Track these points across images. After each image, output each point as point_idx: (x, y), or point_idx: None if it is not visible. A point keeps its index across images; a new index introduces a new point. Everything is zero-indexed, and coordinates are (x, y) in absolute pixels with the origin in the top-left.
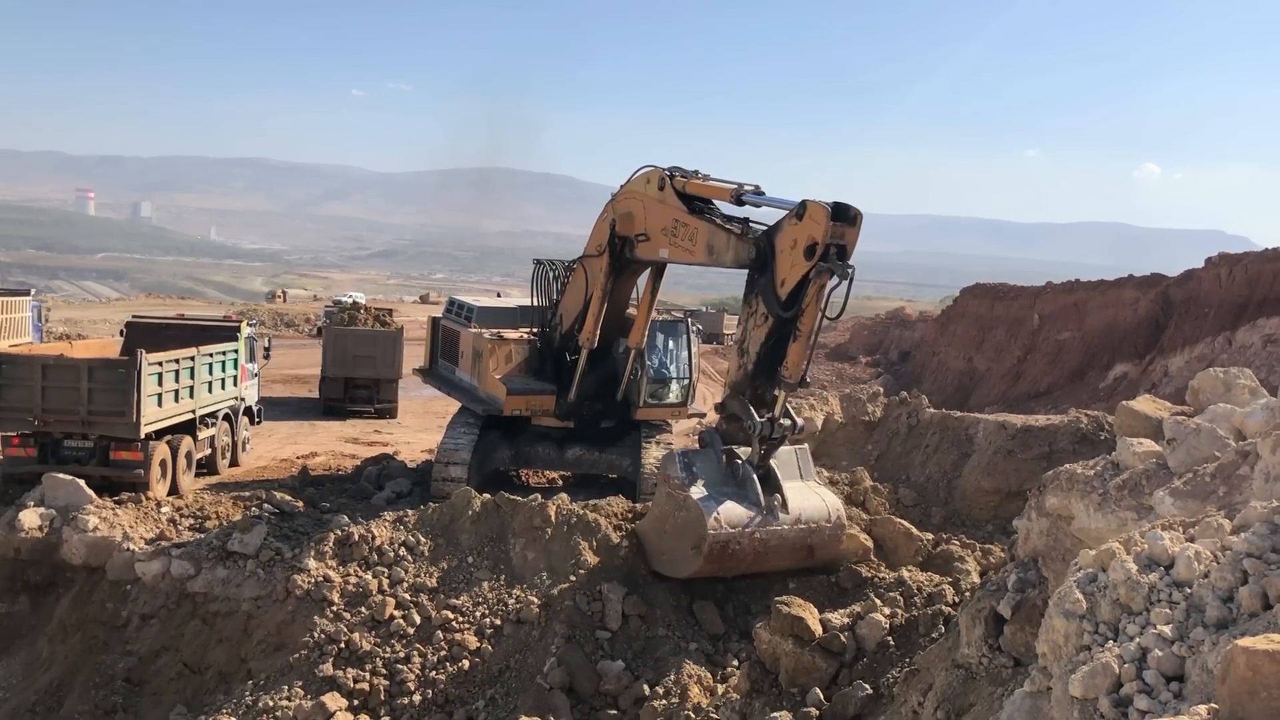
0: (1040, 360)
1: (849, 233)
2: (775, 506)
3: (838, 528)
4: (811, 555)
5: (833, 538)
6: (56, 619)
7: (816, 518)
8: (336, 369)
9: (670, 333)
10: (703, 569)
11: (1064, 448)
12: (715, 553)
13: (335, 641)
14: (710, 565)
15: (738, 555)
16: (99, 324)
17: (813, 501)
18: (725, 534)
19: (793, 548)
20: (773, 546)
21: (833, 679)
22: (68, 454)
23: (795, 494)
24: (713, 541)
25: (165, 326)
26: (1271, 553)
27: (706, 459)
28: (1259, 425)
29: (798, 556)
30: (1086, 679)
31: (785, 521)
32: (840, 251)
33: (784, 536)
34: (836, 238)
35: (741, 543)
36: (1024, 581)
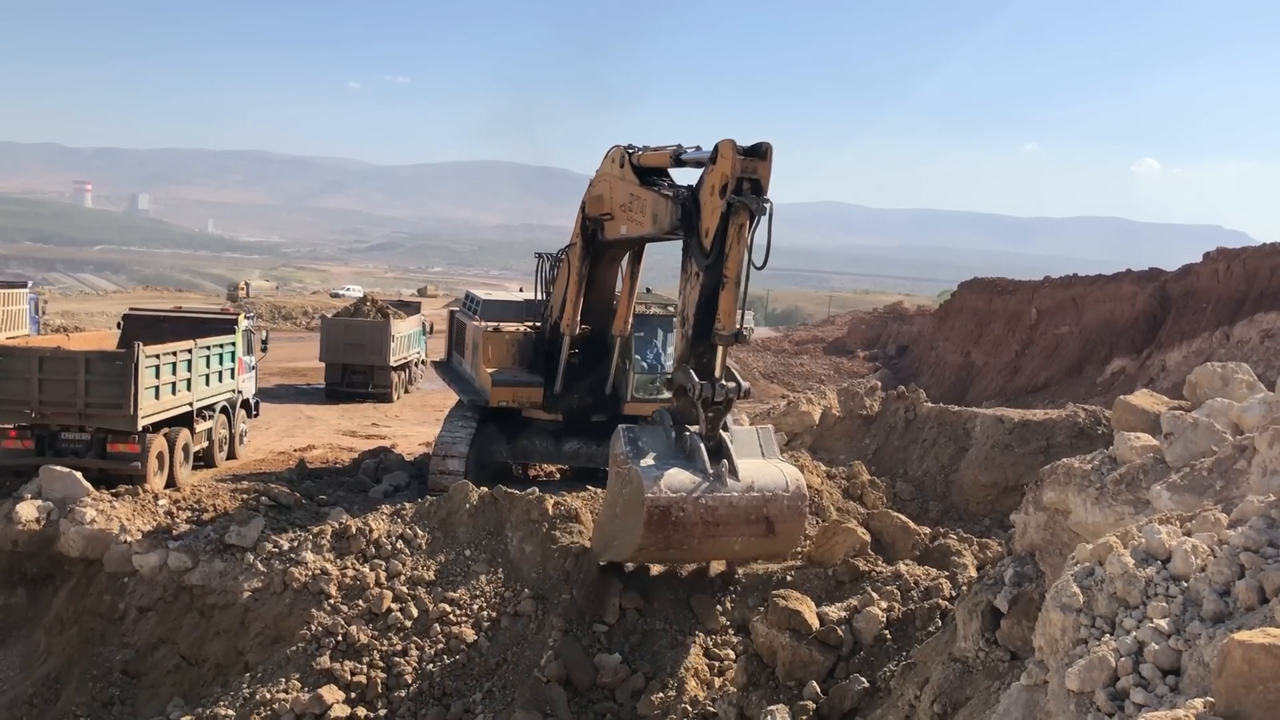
0: (1038, 355)
1: (761, 167)
2: (723, 473)
3: (797, 498)
4: (771, 530)
5: (792, 509)
6: (54, 611)
7: (772, 486)
8: (330, 355)
9: (663, 326)
10: (647, 542)
11: (1061, 442)
12: (656, 519)
13: (332, 634)
14: (654, 536)
15: (683, 525)
16: (96, 316)
17: (769, 471)
18: (665, 498)
19: (746, 519)
20: (723, 516)
21: (830, 672)
22: (65, 446)
23: (750, 465)
24: (651, 506)
25: (162, 319)
26: (1268, 547)
27: (654, 435)
28: (1256, 420)
29: (755, 530)
30: (1083, 672)
31: (735, 489)
32: (755, 186)
33: (734, 505)
34: (749, 172)
35: (685, 509)
36: (1021, 575)
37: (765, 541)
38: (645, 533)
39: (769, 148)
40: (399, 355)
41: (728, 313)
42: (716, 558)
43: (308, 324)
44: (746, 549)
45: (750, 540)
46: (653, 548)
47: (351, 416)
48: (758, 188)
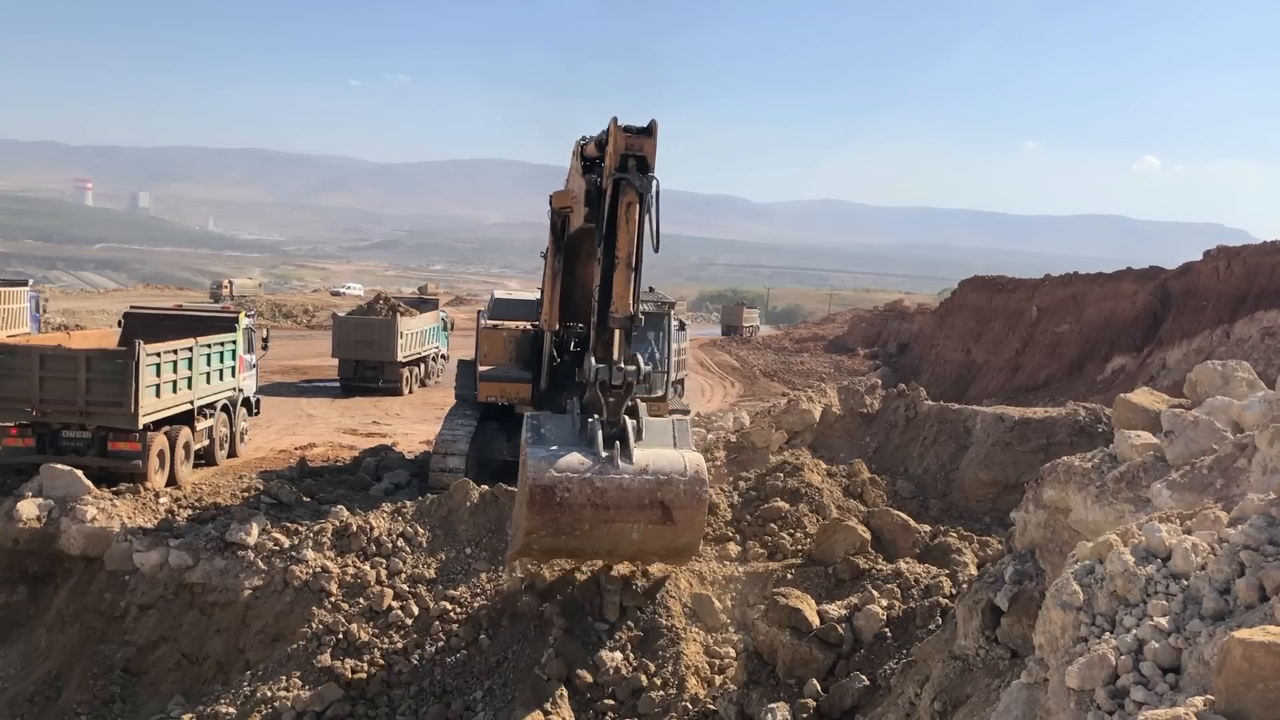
0: (1038, 352)
1: (646, 144)
2: (615, 455)
3: (695, 482)
4: (669, 516)
5: (689, 493)
6: (54, 609)
7: (669, 470)
8: (342, 352)
9: (650, 323)
10: (534, 525)
11: (1062, 440)
12: (539, 499)
13: (333, 632)
14: (540, 519)
15: (569, 507)
16: (97, 314)
17: (668, 455)
18: (550, 477)
19: (639, 503)
20: (612, 499)
21: (830, 670)
22: (66, 444)
23: (650, 451)
24: (534, 485)
25: (163, 317)
26: (1268, 545)
27: (559, 422)
28: (1257, 418)
29: (650, 516)
30: (1083, 670)
31: (627, 471)
32: (641, 164)
33: (625, 487)
34: (633, 149)
35: (571, 489)
36: (1021, 573)
37: (664, 530)
38: (530, 514)
39: (654, 125)
40: (410, 351)
41: (620, 295)
42: (615, 550)
43: (308, 322)
44: (646, 540)
45: (648, 529)
46: (542, 533)
47: (352, 414)
48: (644, 165)
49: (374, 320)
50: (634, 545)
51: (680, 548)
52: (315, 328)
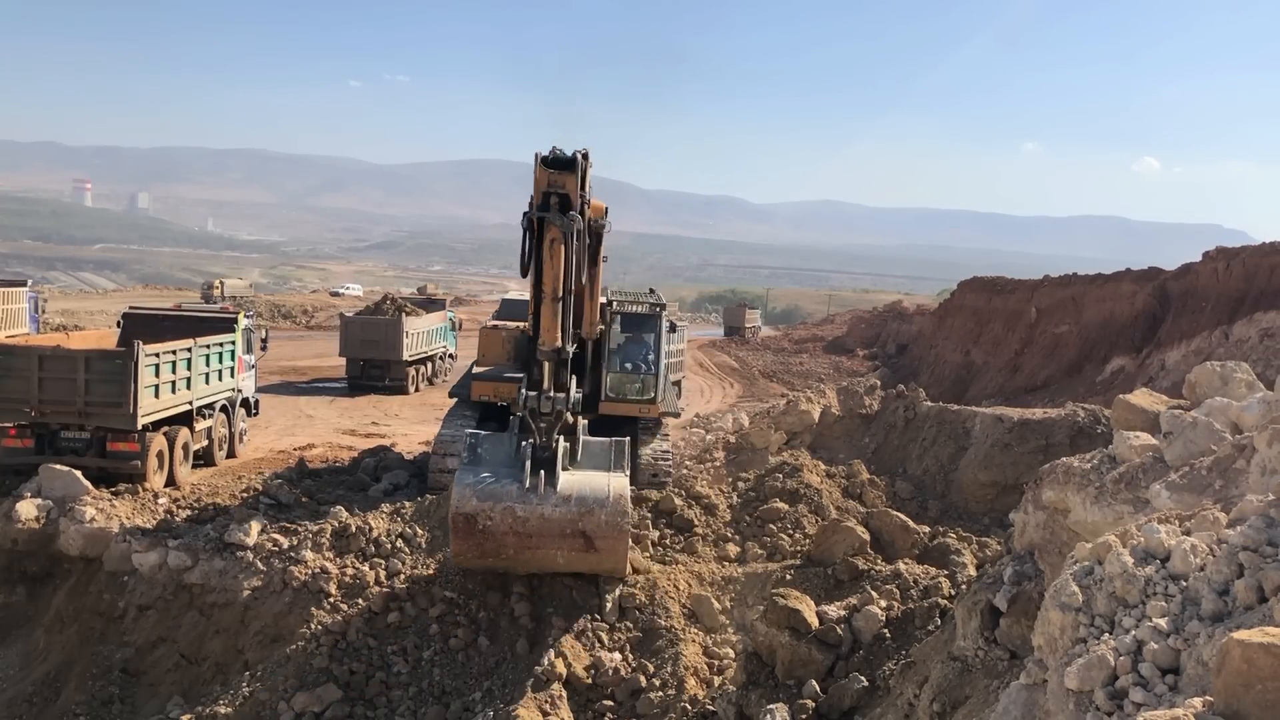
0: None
1: (569, 181)
2: (540, 485)
3: (616, 514)
4: (591, 545)
5: (610, 524)
6: (53, 610)
7: (592, 500)
8: (349, 351)
9: (640, 325)
10: (459, 549)
11: (1061, 441)
12: (462, 527)
13: (332, 633)
14: (464, 544)
15: (492, 534)
16: (96, 315)
17: (594, 484)
18: (471, 507)
19: (561, 532)
20: (534, 528)
21: (829, 671)
22: (65, 445)
23: (577, 478)
24: (456, 513)
25: (162, 318)
26: (1267, 546)
27: (496, 441)
28: (1255, 419)
29: (572, 544)
30: (1082, 671)
31: (550, 500)
32: (564, 202)
33: (547, 517)
34: (556, 187)
35: (493, 518)
36: (1020, 574)
37: (588, 556)
38: (455, 539)
39: (577, 158)
40: (416, 350)
41: (547, 329)
42: (544, 567)
43: (307, 322)
44: (572, 563)
45: (571, 554)
46: (468, 554)
47: (351, 415)
48: (566, 203)
49: (380, 320)
50: (561, 566)
51: (607, 570)
52: (314, 328)
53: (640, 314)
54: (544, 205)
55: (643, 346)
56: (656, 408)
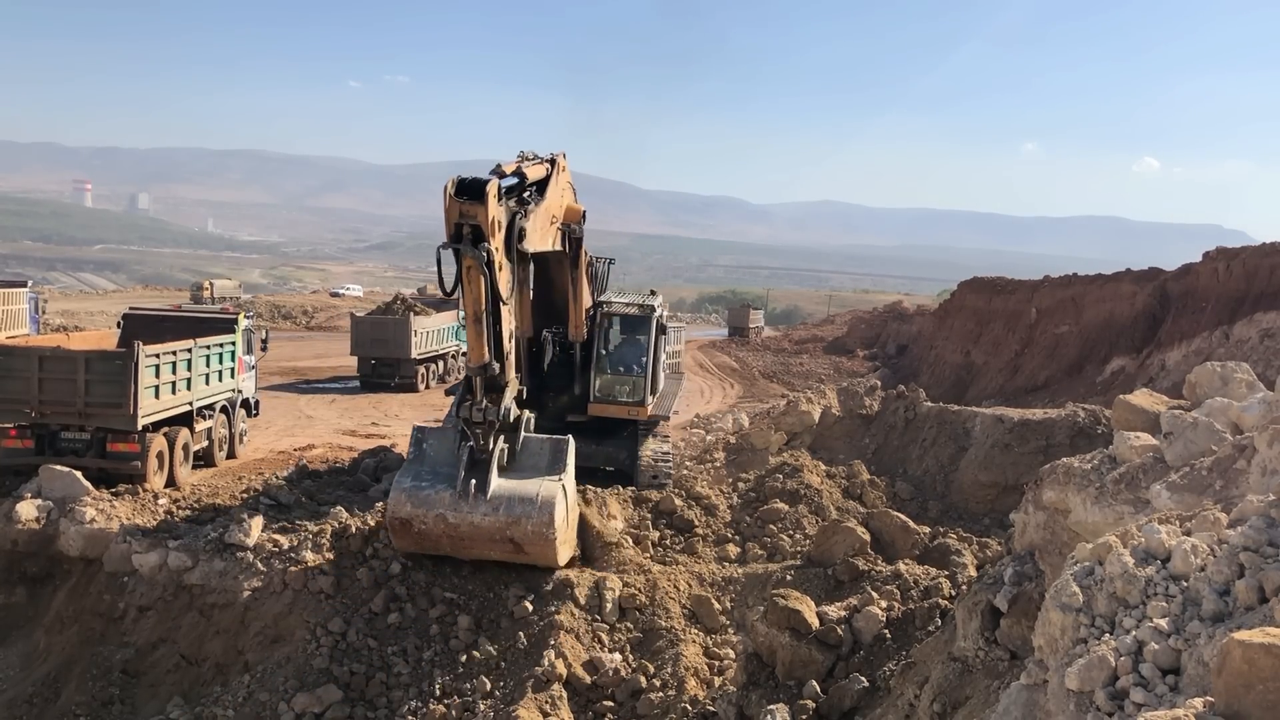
0: (1037, 354)
1: (478, 211)
2: (470, 492)
3: (542, 524)
4: (520, 550)
5: (536, 534)
6: (53, 610)
7: (519, 510)
8: (359, 350)
9: (631, 326)
10: (400, 546)
11: (1061, 441)
12: (399, 530)
13: (332, 634)
14: (404, 543)
15: (426, 536)
16: (96, 315)
17: (524, 491)
18: (406, 513)
19: (490, 538)
20: (465, 534)
21: (829, 672)
22: (65, 445)
23: (513, 484)
24: (391, 518)
25: (162, 318)
26: (1268, 546)
27: (442, 438)
28: (1256, 419)
29: (503, 549)
30: (1083, 672)
31: (480, 509)
32: (476, 233)
33: (477, 525)
34: (467, 218)
35: (426, 523)
36: (1020, 575)
37: (520, 557)
38: (394, 537)
39: (485, 190)
40: (425, 349)
41: (473, 347)
42: (488, 558)
43: (307, 323)
44: (508, 560)
45: (505, 555)
46: (408, 548)
47: (351, 415)
48: (478, 234)
49: (389, 319)
50: (505, 558)
51: (543, 568)
52: (314, 329)
53: (630, 316)
54: (456, 236)
55: (633, 349)
56: (646, 410)
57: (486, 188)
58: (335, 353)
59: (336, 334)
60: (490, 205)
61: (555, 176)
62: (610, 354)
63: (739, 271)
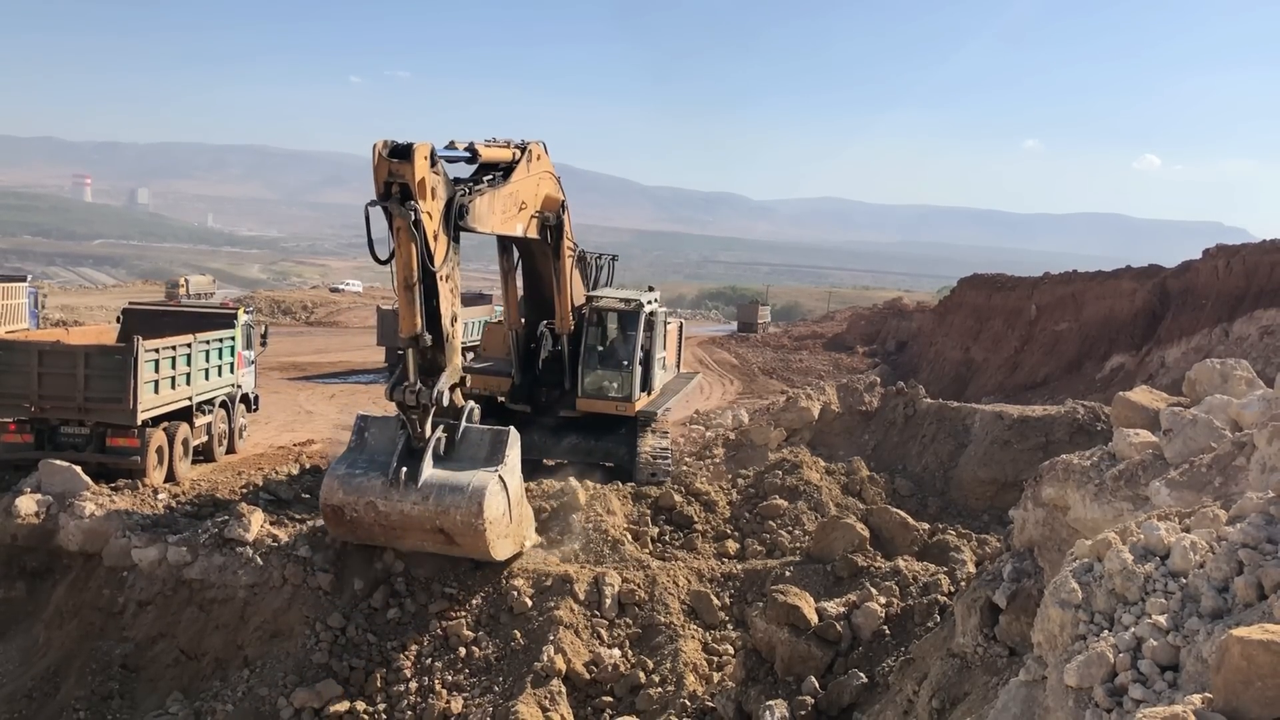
0: (1037, 351)
1: (405, 169)
2: (401, 480)
3: (471, 515)
4: (451, 541)
5: (465, 525)
6: (53, 605)
7: (449, 500)
8: (385, 341)
9: (622, 321)
10: (334, 534)
11: (1060, 438)
12: (331, 517)
13: (331, 629)
14: (338, 531)
15: (359, 524)
16: (95, 310)
17: (455, 481)
18: (337, 500)
19: (421, 527)
20: (396, 523)
21: (828, 667)
22: (64, 440)
23: (445, 474)
24: (324, 505)
25: (162, 314)
26: (1267, 543)
27: (385, 426)
28: (1255, 416)
29: (433, 539)
30: (1082, 668)
31: (410, 498)
32: (404, 191)
33: (407, 514)
34: (397, 176)
35: (358, 511)
36: (1019, 571)
37: (453, 548)
38: (327, 525)
39: (413, 148)
40: None
41: (404, 315)
42: (423, 549)
43: (306, 318)
44: (443, 550)
45: (438, 545)
46: (343, 536)
47: (351, 411)
48: (407, 192)
49: None
50: (440, 548)
51: (478, 558)
52: (314, 324)
53: (619, 310)
54: (385, 194)
55: (621, 344)
56: (634, 406)
57: (414, 147)
58: (335, 348)
59: (336, 329)
60: (417, 164)
61: (527, 163)
62: (598, 349)
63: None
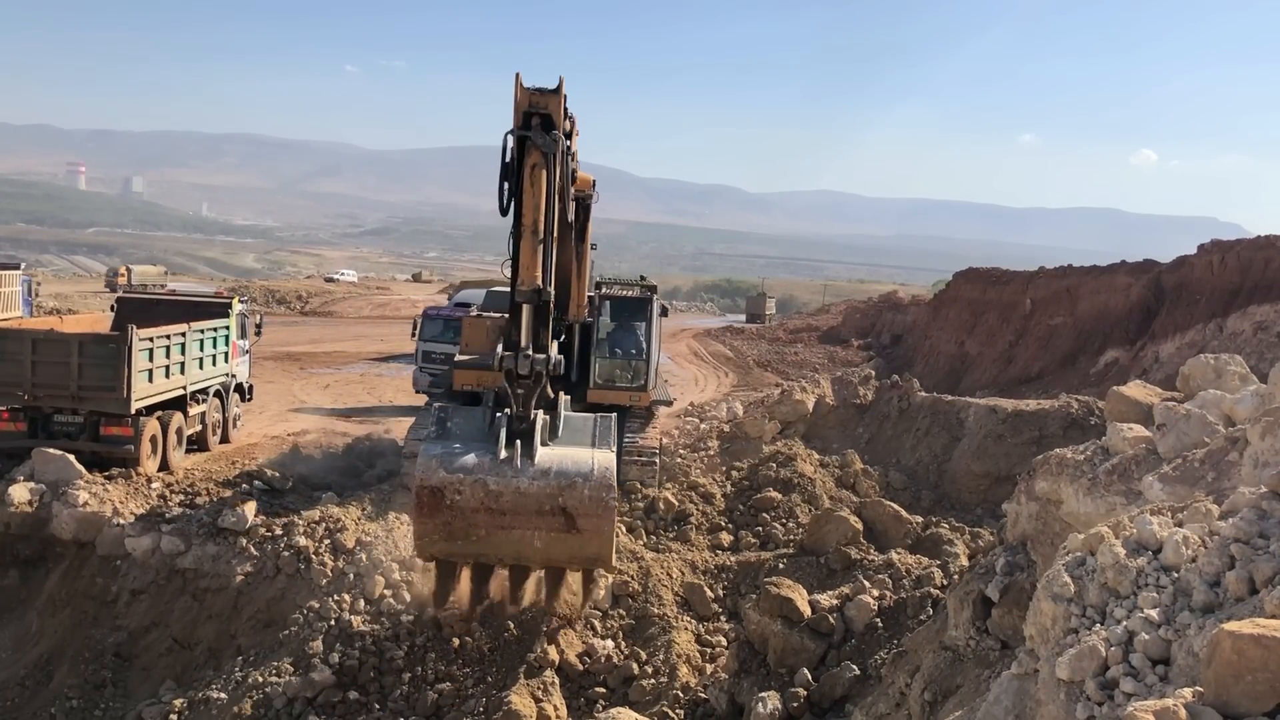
0: (1032, 345)
1: (551, 100)
2: (516, 456)
3: (601, 488)
4: (572, 524)
5: (594, 500)
6: (46, 593)
7: (573, 473)
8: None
9: (631, 310)
10: (424, 529)
11: (1054, 432)
12: (427, 501)
13: (325, 619)
14: (431, 522)
15: (461, 510)
16: (89, 298)
17: (576, 457)
18: (438, 479)
19: (539, 508)
20: (508, 504)
21: (821, 660)
22: (58, 429)
23: (558, 451)
24: (421, 486)
25: (156, 302)
26: (1258, 538)
27: (468, 416)
28: (1248, 412)
29: (551, 523)
30: (1073, 661)
31: (527, 474)
32: (546, 121)
33: (523, 491)
34: (538, 106)
35: (463, 491)
36: (1012, 565)
37: (569, 539)
38: (419, 517)
39: (560, 81)
40: None
41: (526, 265)
42: (520, 556)
43: (301, 308)
44: (551, 549)
45: (550, 536)
46: (435, 536)
47: (345, 401)
48: (549, 123)
49: None
50: (539, 553)
51: (589, 557)
52: (309, 314)
53: (631, 298)
54: (525, 125)
55: (634, 333)
56: (648, 396)
57: (559, 81)
58: (330, 338)
59: (331, 319)
60: (561, 96)
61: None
62: (610, 338)
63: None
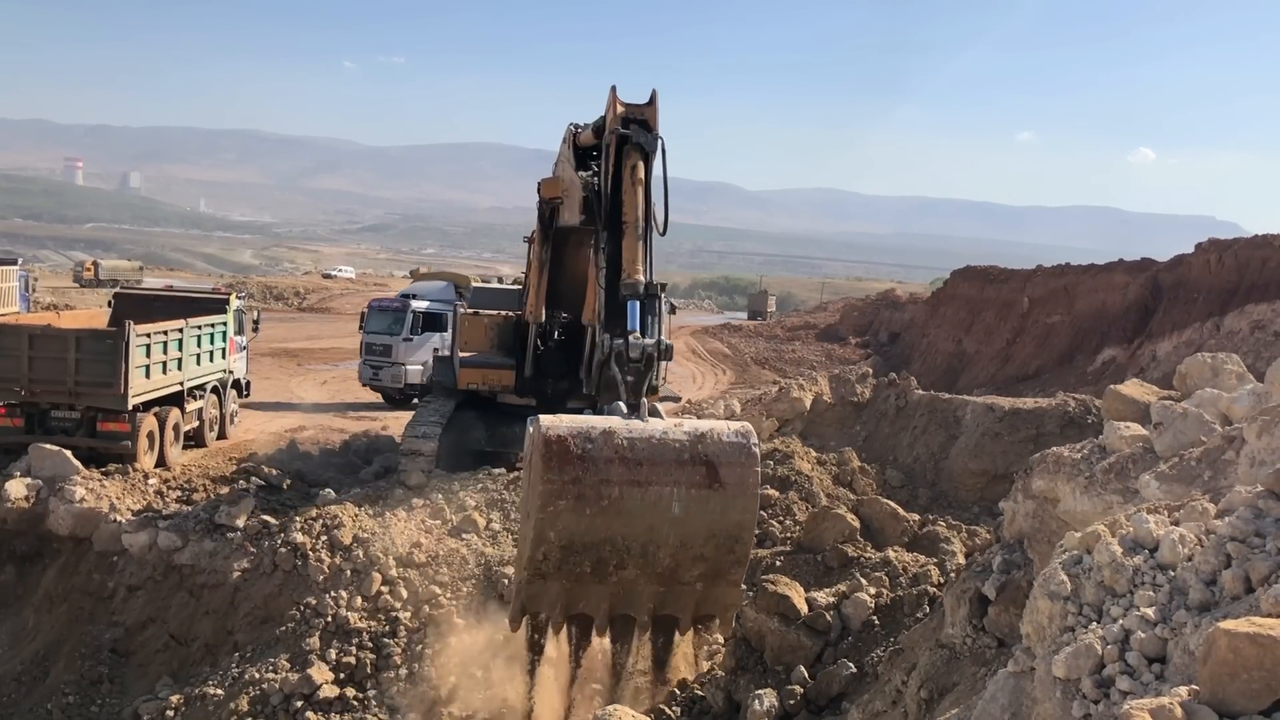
0: (1029, 343)
1: (648, 110)
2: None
3: (743, 434)
4: (716, 477)
5: (736, 447)
6: (43, 589)
7: (709, 424)
8: None
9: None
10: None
11: (1051, 431)
12: (556, 453)
13: (321, 615)
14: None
15: (593, 462)
16: (86, 294)
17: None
18: (563, 429)
19: (678, 457)
20: (644, 453)
21: (817, 657)
22: (55, 424)
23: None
24: (545, 437)
25: (153, 298)
26: (1255, 537)
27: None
28: (1245, 410)
29: (691, 476)
30: (1070, 660)
31: (659, 425)
32: (643, 125)
33: (663, 440)
34: (635, 114)
35: (593, 440)
36: (1009, 563)
37: (711, 500)
38: (545, 476)
39: (654, 93)
40: None
41: (630, 260)
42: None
43: (299, 305)
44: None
45: (691, 495)
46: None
47: (342, 397)
48: (646, 126)
49: None
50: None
51: (732, 529)
52: (306, 310)
53: None
54: (625, 124)
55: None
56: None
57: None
58: (327, 334)
59: (329, 316)
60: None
61: None
62: None
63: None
